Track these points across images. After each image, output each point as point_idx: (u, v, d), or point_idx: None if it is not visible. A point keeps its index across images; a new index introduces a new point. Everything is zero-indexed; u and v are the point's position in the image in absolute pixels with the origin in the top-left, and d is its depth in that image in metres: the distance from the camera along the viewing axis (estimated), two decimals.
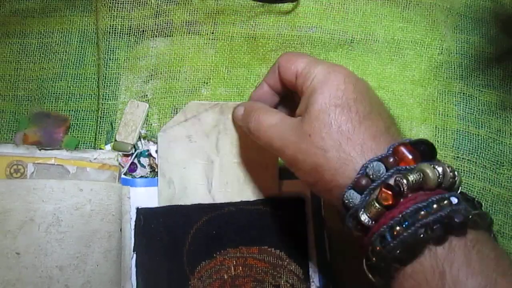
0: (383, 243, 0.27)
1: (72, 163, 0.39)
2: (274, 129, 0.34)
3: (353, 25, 0.47)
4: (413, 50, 0.47)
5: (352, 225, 0.30)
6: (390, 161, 0.29)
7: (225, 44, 0.46)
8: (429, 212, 0.27)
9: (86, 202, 0.38)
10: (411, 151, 0.30)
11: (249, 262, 0.40)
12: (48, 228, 0.36)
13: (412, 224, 0.26)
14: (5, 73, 0.44)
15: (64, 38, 0.45)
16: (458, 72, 0.47)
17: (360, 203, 0.29)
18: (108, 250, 0.37)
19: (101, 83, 0.44)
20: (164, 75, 0.44)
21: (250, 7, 0.46)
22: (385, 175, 0.29)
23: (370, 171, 0.29)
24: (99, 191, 0.38)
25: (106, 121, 0.43)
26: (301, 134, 0.32)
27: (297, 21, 0.47)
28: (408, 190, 0.28)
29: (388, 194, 0.28)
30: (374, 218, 0.28)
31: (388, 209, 0.28)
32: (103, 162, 0.40)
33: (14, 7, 0.46)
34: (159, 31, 0.45)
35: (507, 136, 0.45)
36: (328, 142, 0.30)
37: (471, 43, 0.47)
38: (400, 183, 0.28)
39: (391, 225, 0.27)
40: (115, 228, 0.38)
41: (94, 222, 0.37)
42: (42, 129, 0.41)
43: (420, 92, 0.46)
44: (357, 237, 0.30)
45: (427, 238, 0.26)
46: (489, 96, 0.46)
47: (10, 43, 0.45)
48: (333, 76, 0.32)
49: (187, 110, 0.40)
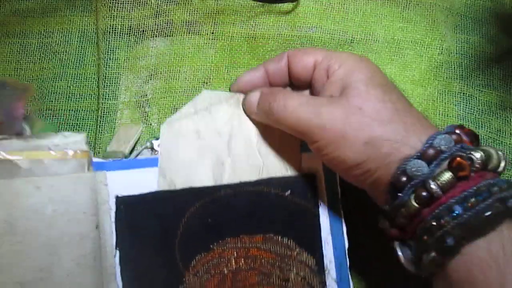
0: (451, 214, 0.26)
1: (24, 155, 0.31)
2: (305, 107, 0.31)
3: (353, 25, 0.47)
4: (413, 50, 0.47)
5: (412, 197, 0.28)
6: (455, 138, 0.29)
7: (225, 44, 0.46)
8: (502, 188, 0.27)
9: (47, 202, 0.31)
10: (468, 134, 0.30)
11: (252, 253, 0.34)
12: (0, 239, 0.30)
13: (489, 197, 0.26)
14: (5, 73, 0.44)
15: (64, 38, 0.45)
16: (458, 72, 0.47)
17: (430, 171, 0.28)
18: (81, 255, 0.31)
19: (101, 83, 0.44)
20: (164, 75, 0.44)
21: (250, 7, 0.46)
22: (456, 147, 0.28)
23: (441, 142, 0.28)
24: (62, 186, 0.31)
25: (106, 121, 0.43)
26: (350, 108, 0.30)
27: (297, 21, 0.47)
28: (479, 165, 0.28)
29: (465, 164, 0.27)
30: (444, 188, 0.27)
31: (459, 180, 0.27)
32: (66, 149, 0.32)
33: (14, 7, 0.46)
34: (159, 31, 0.45)
35: (507, 136, 0.45)
36: (385, 113, 0.30)
37: (471, 43, 0.47)
38: (472, 156, 0.28)
39: (465, 196, 0.27)
40: (88, 228, 0.32)
41: (59, 224, 0.31)
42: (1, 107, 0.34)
43: (420, 92, 0.46)
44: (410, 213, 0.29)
45: (506, 211, 0.26)
46: (489, 96, 0.46)
47: (10, 43, 0.45)
48: (365, 61, 0.33)
49: (198, 100, 0.36)
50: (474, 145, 0.30)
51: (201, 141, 0.35)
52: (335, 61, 0.33)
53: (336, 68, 0.32)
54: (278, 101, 0.33)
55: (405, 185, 0.29)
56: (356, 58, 0.33)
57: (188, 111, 0.35)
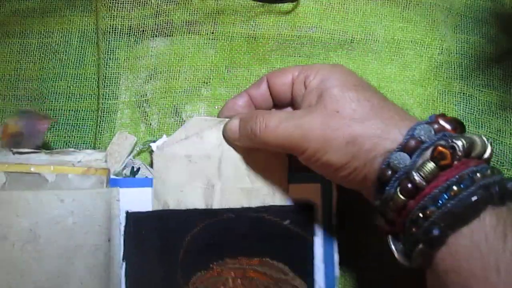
0: (436, 204, 0.27)
1: (51, 169, 0.34)
2: (287, 121, 0.32)
3: (353, 25, 0.47)
4: (413, 50, 0.47)
5: (398, 190, 0.28)
6: (436, 127, 0.29)
7: (225, 44, 0.46)
8: (484, 175, 0.27)
9: (68, 215, 0.33)
10: (450, 122, 0.30)
11: (249, 274, 0.36)
12: (24, 246, 0.32)
13: (471, 185, 0.26)
14: (5, 73, 0.44)
15: (64, 38, 0.45)
16: (458, 72, 0.47)
17: (412, 163, 0.28)
18: (94, 265, 0.34)
19: (101, 83, 0.43)
20: (164, 75, 0.44)
21: (250, 7, 0.46)
22: (436, 136, 0.28)
23: (420, 132, 0.29)
24: (83, 200, 0.34)
25: (106, 121, 0.43)
26: (327, 114, 0.31)
27: (297, 21, 0.47)
28: (462, 153, 0.28)
29: (447, 153, 0.27)
30: (428, 178, 0.27)
31: (442, 170, 0.27)
32: (89, 166, 0.35)
33: (14, 7, 0.46)
34: (159, 31, 0.45)
35: (507, 136, 0.45)
36: (361, 112, 0.30)
37: (471, 43, 0.47)
38: (454, 145, 0.28)
39: (448, 185, 0.27)
40: (102, 240, 0.34)
41: (78, 235, 0.33)
42: (24, 119, 0.36)
43: (420, 92, 0.46)
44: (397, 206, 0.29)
45: (488, 198, 0.26)
46: (489, 96, 0.46)
47: (10, 43, 0.45)
48: (338, 67, 0.34)
49: (188, 126, 0.37)
50: (458, 132, 0.30)
51: (192, 165, 0.37)
52: (310, 72, 0.34)
53: (312, 79, 0.33)
54: (259, 123, 0.33)
55: (390, 178, 0.29)
56: (329, 65, 0.34)
57: (179, 137, 0.37)
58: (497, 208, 0.26)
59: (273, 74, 0.36)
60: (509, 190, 0.26)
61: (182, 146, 0.37)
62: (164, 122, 0.43)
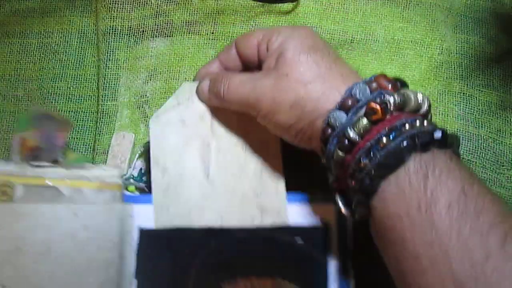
0: (369, 156, 0.28)
1: (67, 183, 0.34)
2: (245, 83, 0.34)
3: (353, 25, 0.47)
4: (413, 50, 0.47)
5: (337, 147, 0.30)
6: (373, 86, 0.31)
7: (225, 44, 0.46)
8: (413, 126, 0.28)
9: (82, 229, 0.34)
10: (390, 81, 0.31)
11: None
12: (37, 259, 0.32)
13: (399, 135, 0.28)
14: (5, 73, 0.44)
15: (64, 38, 0.45)
16: (458, 72, 0.46)
17: (348, 120, 0.30)
18: (105, 281, 0.34)
19: (100, 83, 0.44)
20: (164, 75, 0.44)
21: (250, 7, 0.46)
22: (371, 95, 0.30)
23: (356, 92, 0.30)
24: (97, 215, 0.34)
25: (106, 122, 0.43)
26: (278, 76, 0.33)
27: (297, 21, 0.47)
28: (394, 108, 0.29)
29: (377, 109, 0.29)
30: (361, 134, 0.29)
31: (374, 124, 0.29)
32: (103, 181, 0.35)
33: (14, 7, 0.46)
34: (159, 31, 0.45)
35: (507, 136, 0.45)
36: (307, 75, 0.32)
37: (471, 43, 0.47)
38: (386, 101, 0.29)
39: (378, 138, 0.28)
40: (114, 256, 0.34)
41: (90, 250, 0.34)
42: (42, 133, 0.37)
43: None
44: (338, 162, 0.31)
45: (412, 146, 0.27)
46: (489, 96, 0.46)
47: (10, 43, 0.45)
48: (298, 29, 0.35)
49: (179, 93, 0.38)
50: (396, 90, 0.31)
51: (186, 128, 0.38)
52: (272, 35, 0.35)
53: (274, 40, 0.35)
54: (223, 83, 0.35)
55: (329, 136, 0.31)
56: (290, 28, 0.35)
57: (172, 104, 0.38)
58: (422, 155, 0.28)
59: (241, 38, 0.38)
60: (435, 138, 0.28)
61: (175, 112, 0.38)
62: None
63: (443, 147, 0.28)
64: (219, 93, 0.36)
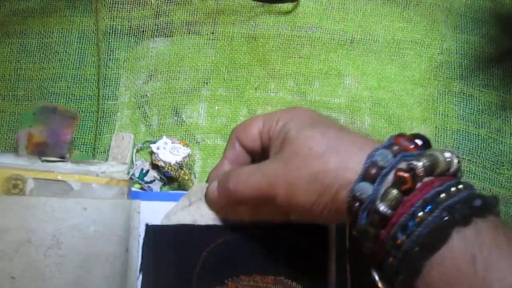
0: (405, 232, 0.26)
1: (76, 178, 0.35)
2: (255, 172, 0.32)
3: (353, 25, 0.47)
4: (413, 50, 0.47)
5: (367, 221, 0.28)
6: (395, 149, 0.28)
7: (225, 44, 0.46)
8: (449, 195, 0.26)
9: (90, 223, 0.34)
10: (411, 140, 0.29)
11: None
12: (46, 251, 0.33)
13: (436, 207, 0.25)
14: (5, 73, 0.44)
15: (64, 38, 0.45)
16: (458, 72, 0.47)
17: (375, 192, 0.27)
18: (112, 275, 0.34)
19: (101, 83, 0.44)
20: (164, 75, 0.44)
21: (250, 7, 0.46)
22: (395, 160, 0.27)
23: (378, 158, 0.28)
24: (105, 210, 0.35)
25: (106, 122, 0.43)
26: (287, 157, 0.31)
27: (297, 21, 0.47)
28: (423, 173, 0.27)
29: (406, 177, 0.26)
30: (393, 206, 0.26)
31: (405, 194, 0.26)
32: (112, 176, 0.36)
33: (14, 7, 0.46)
34: (159, 31, 0.45)
35: (507, 136, 0.45)
36: (318, 148, 0.30)
37: (471, 43, 0.47)
38: (414, 166, 0.27)
39: (413, 211, 0.26)
40: (120, 250, 0.35)
41: (98, 244, 0.34)
42: (49, 129, 0.37)
43: (420, 92, 0.46)
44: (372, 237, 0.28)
45: (453, 220, 0.25)
46: (489, 96, 0.46)
47: (10, 43, 0.45)
48: (296, 110, 0.34)
49: (190, 194, 0.37)
50: (420, 149, 0.29)
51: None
52: (272, 121, 0.34)
53: (274, 127, 0.34)
54: (231, 180, 0.33)
55: (358, 210, 0.28)
56: (288, 110, 0.35)
57: (183, 204, 0.37)
58: (464, 229, 0.25)
59: (240, 131, 0.36)
60: (475, 207, 0.25)
61: (187, 213, 0.37)
62: (164, 122, 0.43)
63: (484, 214, 0.26)
64: (228, 190, 0.34)
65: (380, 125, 0.45)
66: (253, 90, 0.45)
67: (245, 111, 0.44)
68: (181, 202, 0.37)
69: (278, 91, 0.45)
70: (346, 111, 0.45)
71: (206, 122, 0.44)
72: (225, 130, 0.43)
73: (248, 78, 0.45)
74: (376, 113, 0.45)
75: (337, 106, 0.45)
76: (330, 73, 0.46)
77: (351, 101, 0.45)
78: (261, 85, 0.45)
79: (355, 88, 0.46)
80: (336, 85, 0.46)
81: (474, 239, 0.25)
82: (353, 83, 0.46)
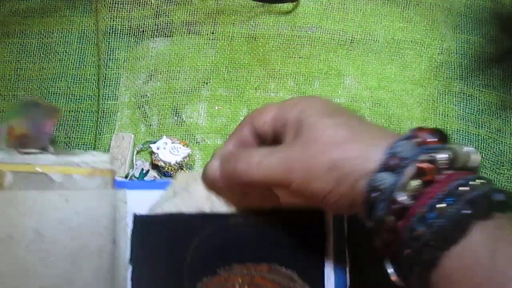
0: (425, 223, 0.25)
1: (57, 170, 0.34)
2: (269, 157, 0.31)
3: (353, 25, 0.47)
4: (413, 50, 0.47)
5: (385, 211, 0.27)
6: (416, 141, 0.28)
7: (225, 44, 0.46)
8: (471, 188, 0.26)
9: (74, 215, 0.33)
10: (431, 134, 0.29)
11: (257, 281, 0.35)
12: (29, 246, 0.32)
13: (458, 200, 0.25)
14: (5, 73, 0.44)
15: (64, 38, 0.45)
16: (458, 72, 0.47)
17: (396, 182, 0.27)
18: (99, 267, 0.33)
19: (101, 83, 0.44)
20: (164, 75, 0.44)
21: (250, 7, 0.46)
22: (416, 151, 0.27)
23: (400, 149, 0.28)
24: (88, 201, 0.33)
25: (106, 122, 0.43)
26: (306, 144, 0.30)
27: (297, 21, 0.47)
28: (445, 166, 0.27)
29: (429, 168, 0.26)
30: (413, 196, 0.26)
31: (426, 186, 0.26)
32: (94, 167, 0.35)
33: (14, 7, 0.46)
34: (159, 31, 0.45)
35: (507, 136, 0.45)
36: (339, 136, 0.30)
37: (471, 43, 0.47)
38: (435, 158, 0.27)
39: (434, 202, 0.26)
40: (107, 241, 0.34)
41: (83, 236, 0.33)
42: (30, 121, 0.36)
43: (420, 92, 0.46)
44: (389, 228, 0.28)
45: (475, 213, 0.25)
46: (489, 96, 0.46)
47: (10, 43, 0.45)
48: (314, 98, 0.33)
49: (175, 184, 0.36)
50: (440, 143, 0.29)
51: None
52: (288, 107, 0.33)
53: (290, 113, 0.33)
54: (240, 161, 0.32)
55: (376, 200, 0.28)
56: (306, 98, 0.34)
57: (168, 195, 0.36)
58: (485, 223, 0.25)
59: (254, 116, 0.36)
60: (496, 202, 0.25)
61: (172, 204, 0.36)
62: (164, 122, 0.43)
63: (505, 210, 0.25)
64: (235, 171, 0.32)
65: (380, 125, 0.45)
66: (253, 90, 0.45)
67: (245, 111, 0.44)
68: (166, 193, 0.36)
69: (278, 91, 0.45)
70: None
71: (206, 122, 0.44)
72: (225, 130, 0.43)
73: (248, 78, 0.45)
74: (376, 113, 0.45)
75: None
76: (330, 73, 0.46)
77: (351, 101, 0.45)
78: (261, 85, 0.45)
79: (355, 88, 0.46)
80: (336, 85, 0.46)
81: (495, 233, 0.25)
82: (353, 83, 0.46)
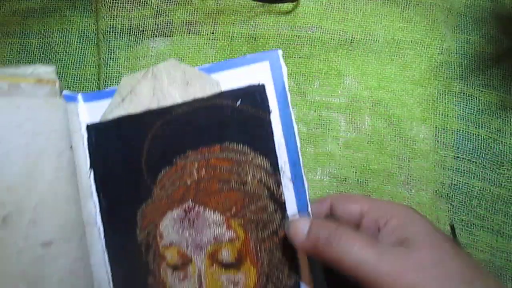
0: None
1: (5, 78, 0.35)
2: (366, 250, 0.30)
3: (353, 25, 0.47)
4: (413, 50, 0.47)
5: None
6: None
7: (225, 44, 0.46)
8: None
9: (26, 120, 0.35)
10: None
11: (212, 162, 0.37)
12: None
13: None
14: None
15: (64, 38, 0.45)
16: (458, 72, 0.47)
17: None
18: (60, 169, 0.35)
19: (101, 83, 0.44)
20: None
21: (250, 7, 0.46)
22: None
23: None
24: (39, 108, 0.35)
25: None
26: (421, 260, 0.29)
27: (297, 21, 0.47)
28: None
29: None
30: None
31: None
32: (40, 77, 0.36)
33: (14, 7, 0.46)
34: (159, 31, 0.45)
35: (507, 136, 0.45)
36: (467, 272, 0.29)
37: (471, 43, 0.47)
38: None
39: None
40: (64, 146, 0.36)
41: (39, 141, 0.35)
42: None
43: (420, 92, 0.46)
44: None
45: None
46: (489, 96, 0.46)
47: (10, 43, 0.45)
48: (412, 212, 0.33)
49: (121, 88, 0.38)
50: None
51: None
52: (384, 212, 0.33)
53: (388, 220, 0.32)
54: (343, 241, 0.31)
55: None
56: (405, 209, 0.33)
57: (116, 102, 0.38)
58: None
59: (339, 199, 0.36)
60: None
61: (121, 109, 0.38)
62: None
63: None
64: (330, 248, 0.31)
65: (380, 125, 0.45)
66: None
67: None
68: (114, 100, 0.38)
69: None
70: (346, 111, 0.45)
71: None
72: None
73: None
74: (376, 113, 0.45)
75: (337, 106, 0.45)
76: (330, 73, 0.46)
77: (351, 101, 0.45)
78: None
79: (355, 88, 0.46)
80: (336, 85, 0.46)
81: None
82: (353, 83, 0.46)
